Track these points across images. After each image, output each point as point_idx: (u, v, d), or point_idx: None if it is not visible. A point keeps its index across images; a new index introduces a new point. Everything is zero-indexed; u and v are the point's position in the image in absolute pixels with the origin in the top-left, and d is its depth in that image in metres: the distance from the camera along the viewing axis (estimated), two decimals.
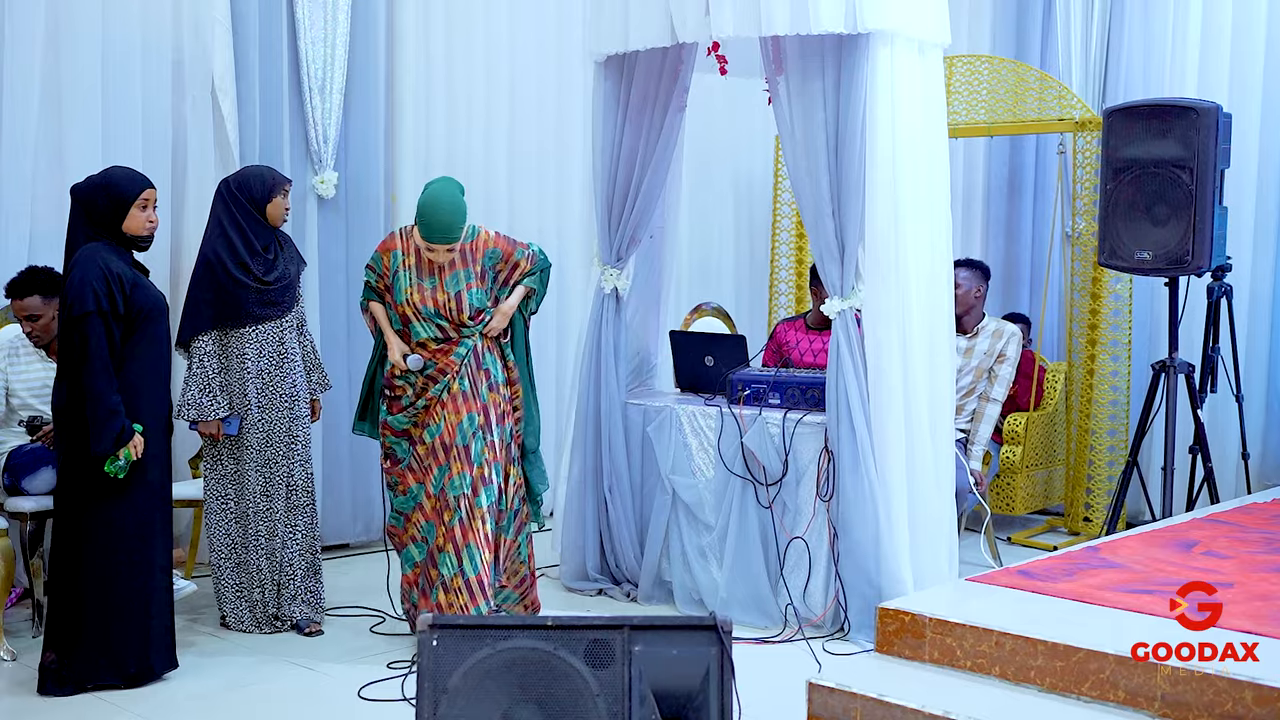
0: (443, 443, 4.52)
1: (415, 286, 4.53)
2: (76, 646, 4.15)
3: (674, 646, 3.26)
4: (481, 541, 4.47)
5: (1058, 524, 6.94)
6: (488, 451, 4.53)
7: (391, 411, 4.62)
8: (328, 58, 5.94)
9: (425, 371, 4.54)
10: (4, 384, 4.84)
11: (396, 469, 4.65)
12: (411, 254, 4.56)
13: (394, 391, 4.62)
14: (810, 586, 4.98)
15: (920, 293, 4.86)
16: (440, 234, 4.42)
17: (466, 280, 4.54)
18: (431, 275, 4.53)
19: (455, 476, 4.48)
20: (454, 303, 4.52)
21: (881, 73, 4.72)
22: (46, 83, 5.22)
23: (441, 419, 4.53)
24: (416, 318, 4.53)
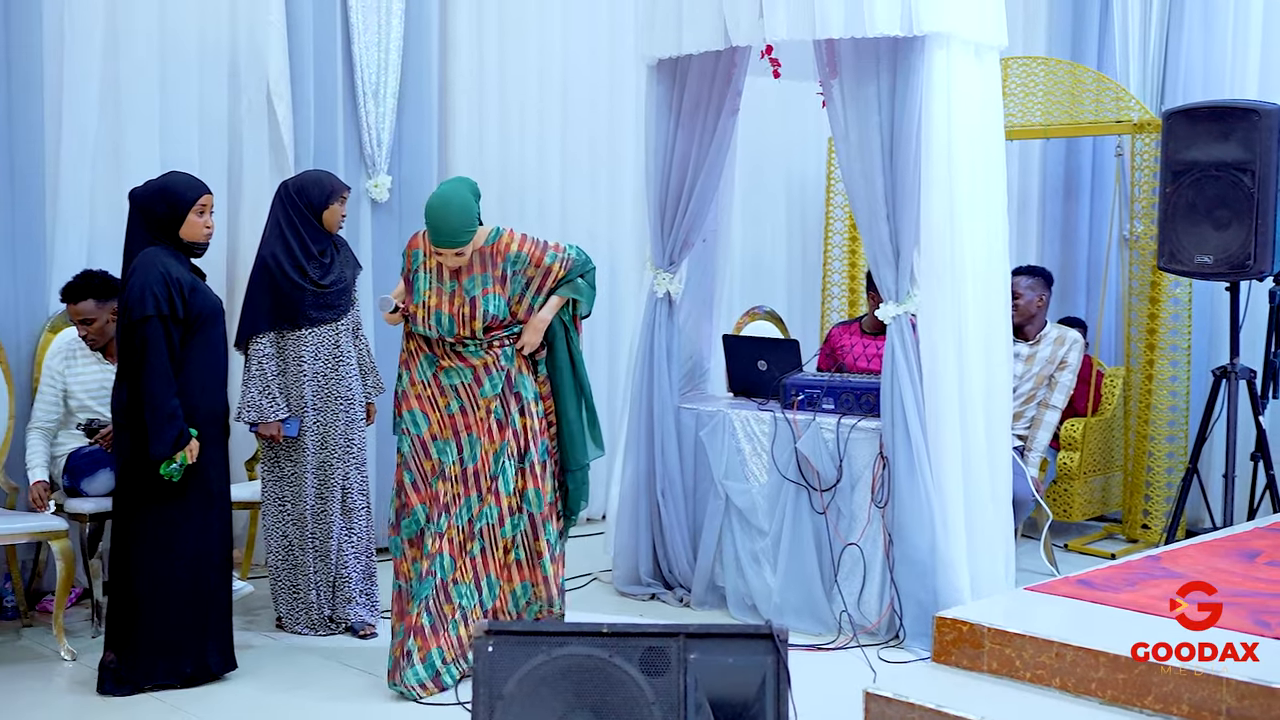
0: (475, 472, 4.31)
1: (433, 290, 4.32)
2: (135, 647, 4.19)
3: (730, 655, 3.24)
4: (499, 570, 4.36)
5: (1115, 531, 6.85)
6: (517, 479, 4.35)
7: (408, 405, 4.38)
8: (381, 62, 5.97)
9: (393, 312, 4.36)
10: (62, 386, 4.90)
11: (401, 478, 4.38)
12: (432, 255, 4.35)
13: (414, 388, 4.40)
14: (865, 593, 4.94)
15: (976, 297, 4.81)
16: (447, 238, 4.19)
17: (484, 285, 4.30)
18: (452, 279, 4.32)
19: (485, 509, 4.31)
20: (468, 308, 4.28)
21: (937, 75, 4.68)
22: (105, 86, 5.27)
23: (475, 446, 4.31)
24: (424, 322, 4.31)
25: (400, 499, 4.36)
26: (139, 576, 4.19)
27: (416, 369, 4.36)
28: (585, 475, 4.55)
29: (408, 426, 4.35)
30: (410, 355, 4.39)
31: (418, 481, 4.34)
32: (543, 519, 4.38)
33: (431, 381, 4.33)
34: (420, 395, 4.35)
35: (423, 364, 4.35)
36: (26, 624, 4.97)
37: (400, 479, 4.36)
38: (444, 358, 4.32)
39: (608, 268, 6.95)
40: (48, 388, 4.88)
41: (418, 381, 4.35)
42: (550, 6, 6.65)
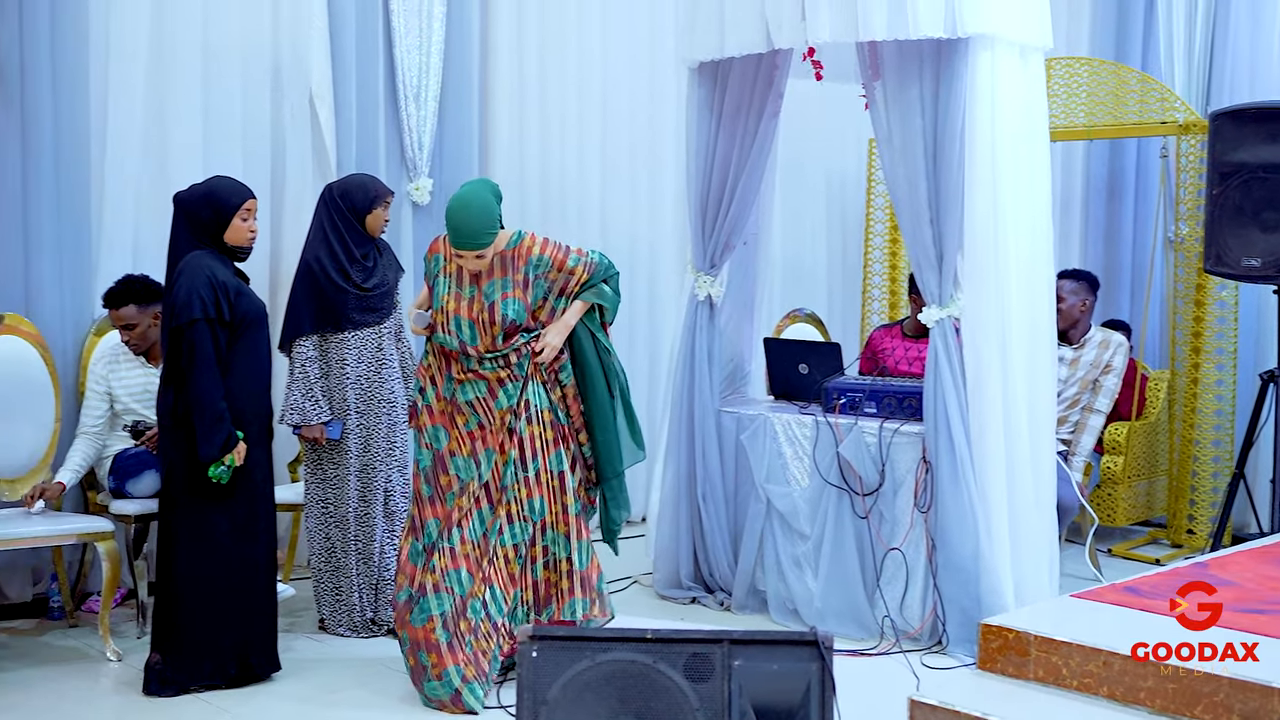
0: (487, 485, 4.24)
1: (453, 294, 4.24)
2: (180, 648, 4.21)
3: (774, 661, 3.23)
4: (505, 582, 4.24)
5: (1159, 536, 6.79)
6: (520, 488, 4.23)
7: (429, 420, 4.32)
8: (423, 65, 5.99)
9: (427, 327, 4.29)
10: (107, 390, 4.93)
11: (418, 490, 4.33)
12: (452, 260, 4.28)
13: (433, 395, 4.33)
14: (907, 598, 4.91)
15: (1021, 301, 4.77)
16: (467, 240, 4.11)
17: (504, 289, 4.21)
18: (472, 284, 4.24)
19: (496, 521, 4.23)
20: (486, 314, 4.19)
21: (982, 78, 4.64)
22: (150, 92, 5.32)
23: (489, 460, 4.24)
24: (444, 328, 4.23)
25: (414, 509, 4.34)
26: (184, 578, 4.21)
27: (440, 386, 4.30)
28: (622, 484, 4.44)
29: (430, 441, 4.31)
30: (434, 372, 4.33)
31: (434, 496, 4.29)
32: (542, 526, 4.27)
33: (450, 399, 4.27)
34: (442, 411, 4.29)
35: (444, 383, 4.30)
36: (72, 624, 5.02)
37: (417, 489, 4.34)
38: (460, 374, 4.26)
39: (648, 270, 6.96)
40: (93, 392, 4.92)
41: (441, 398, 4.29)
42: (590, 10, 6.67)
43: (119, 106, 5.22)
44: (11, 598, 5.11)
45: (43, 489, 4.73)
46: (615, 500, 4.44)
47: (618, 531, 4.53)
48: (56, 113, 5.02)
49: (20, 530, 4.56)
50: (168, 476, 4.27)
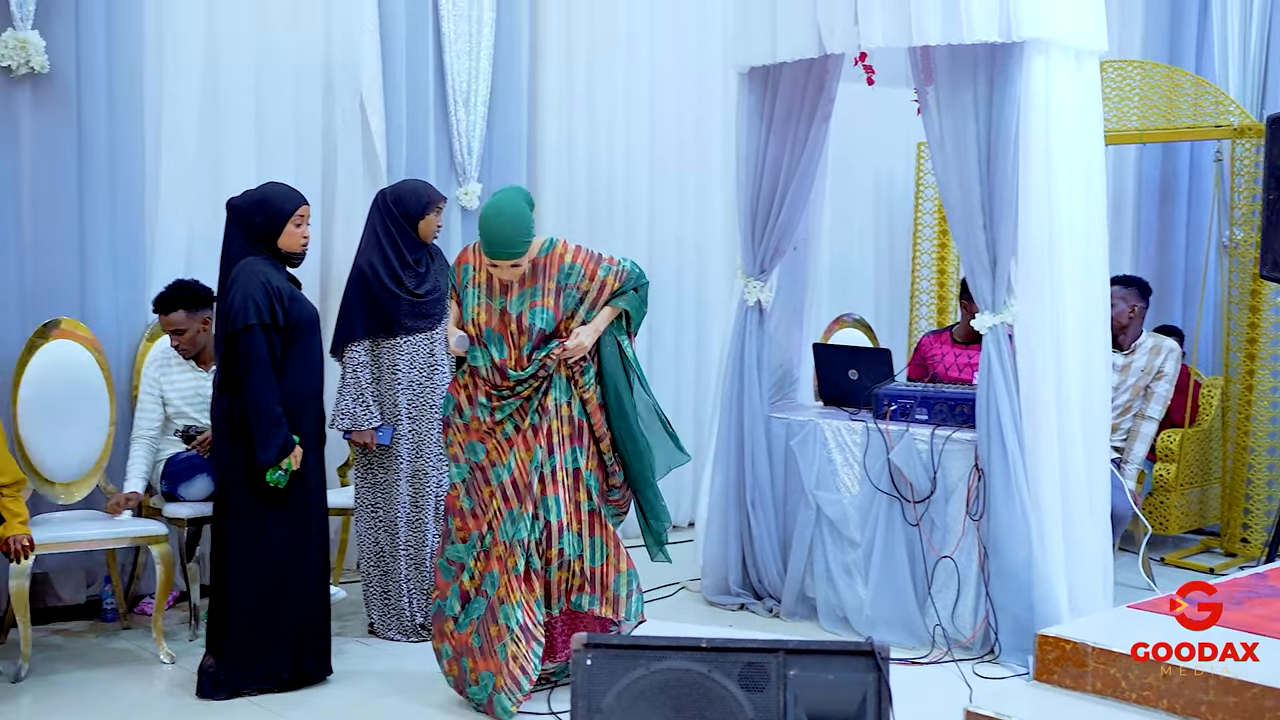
0: (513, 483, 4.14)
1: (483, 306, 4.16)
2: (233, 652, 4.24)
3: (830, 671, 3.20)
4: (527, 582, 4.12)
5: (1213, 544, 6.71)
6: (541, 485, 4.13)
7: (459, 432, 4.27)
8: (472, 70, 6.01)
9: (468, 352, 4.19)
10: (160, 394, 4.97)
11: (458, 504, 4.27)
12: (482, 269, 4.18)
13: (463, 408, 4.26)
14: (959, 607, 4.87)
15: (1075, 308, 4.72)
16: (501, 249, 4.01)
17: (533, 298, 4.12)
18: (500, 294, 4.15)
19: (522, 519, 4.11)
20: (515, 325, 4.11)
21: (1036, 82, 4.60)
22: (204, 97, 5.35)
23: (511, 456, 4.15)
24: (477, 340, 4.16)
25: (456, 523, 4.26)
26: (238, 583, 4.24)
27: (474, 409, 4.22)
28: (655, 494, 4.33)
29: (468, 455, 4.24)
30: (471, 391, 4.23)
31: (476, 508, 4.23)
32: (559, 528, 4.13)
33: (488, 418, 4.18)
34: (478, 429, 4.21)
35: (480, 403, 4.20)
36: (125, 626, 5.05)
37: (457, 505, 4.26)
38: (495, 399, 4.17)
39: (695, 275, 6.95)
40: (146, 396, 4.96)
41: (476, 418, 4.21)
42: (638, 14, 6.66)
43: (173, 112, 5.27)
44: (65, 600, 5.15)
45: (127, 499, 4.80)
46: (652, 511, 4.35)
47: (663, 542, 4.42)
48: (112, 118, 5.06)
49: (76, 534, 4.62)
50: (222, 481, 4.30)
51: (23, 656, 4.41)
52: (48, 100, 4.90)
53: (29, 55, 4.76)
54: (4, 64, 4.74)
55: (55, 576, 5.10)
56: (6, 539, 4.27)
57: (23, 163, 4.88)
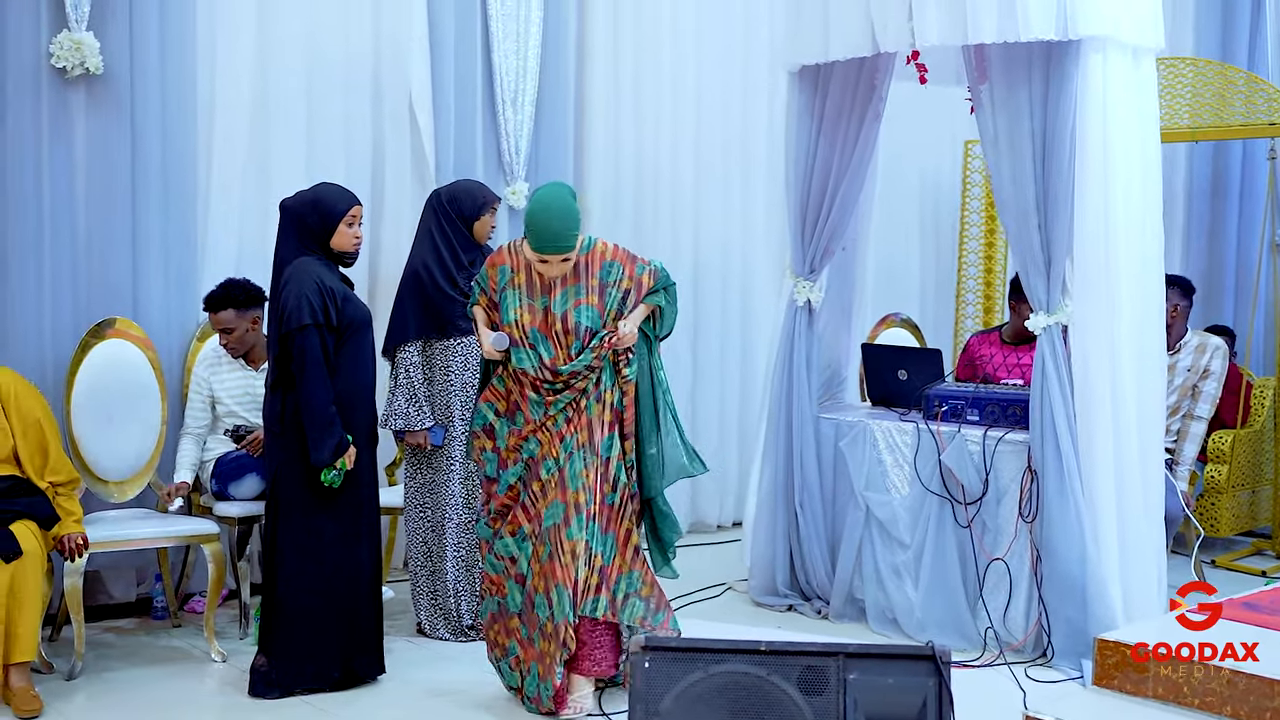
0: (561, 474, 4.09)
1: (525, 307, 4.07)
2: (286, 652, 4.24)
3: (890, 675, 3.18)
4: (569, 580, 4.04)
5: (1263, 547, 6.63)
6: (585, 474, 4.06)
7: (506, 438, 4.17)
8: (520, 70, 6.01)
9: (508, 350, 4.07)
10: (209, 393, 4.99)
11: (504, 499, 4.18)
12: (521, 270, 4.08)
13: (504, 403, 4.18)
14: (1010, 609, 4.83)
15: (1130, 308, 4.67)
16: (552, 242, 3.94)
17: (577, 296, 4.05)
18: (543, 294, 4.07)
19: (550, 505, 4.07)
20: (560, 324, 4.03)
21: (1093, 80, 4.55)
22: (255, 97, 5.37)
23: (562, 449, 4.09)
24: (522, 342, 4.05)
25: (507, 520, 4.20)
26: (290, 583, 4.25)
27: (525, 409, 4.12)
28: (667, 504, 4.27)
29: (524, 454, 4.15)
30: (515, 399, 4.14)
31: (527, 503, 4.18)
32: (590, 516, 4.08)
33: (540, 415, 4.10)
34: (530, 428, 4.12)
35: (531, 401, 4.10)
36: (176, 624, 5.08)
37: (505, 502, 4.20)
38: (548, 393, 4.09)
39: (740, 274, 6.92)
40: (196, 394, 4.99)
41: (529, 419, 4.12)
42: (684, 14, 6.64)
43: (224, 115, 5.29)
44: (116, 598, 5.18)
45: (177, 488, 4.82)
46: (662, 520, 4.27)
47: (670, 557, 4.33)
48: (165, 120, 5.08)
49: (129, 532, 4.64)
50: (275, 481, 4.30)
51: (76, 655, 4.43)
52: (102, 101, 4.93)
53: (84, 56, 4.79)
54: (59, 65, 4.77)
55: (106, 574, 5.13)
56: (61, 537, 4.29)
57: (77, 163, 4.91)
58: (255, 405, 4.94)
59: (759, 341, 6.52)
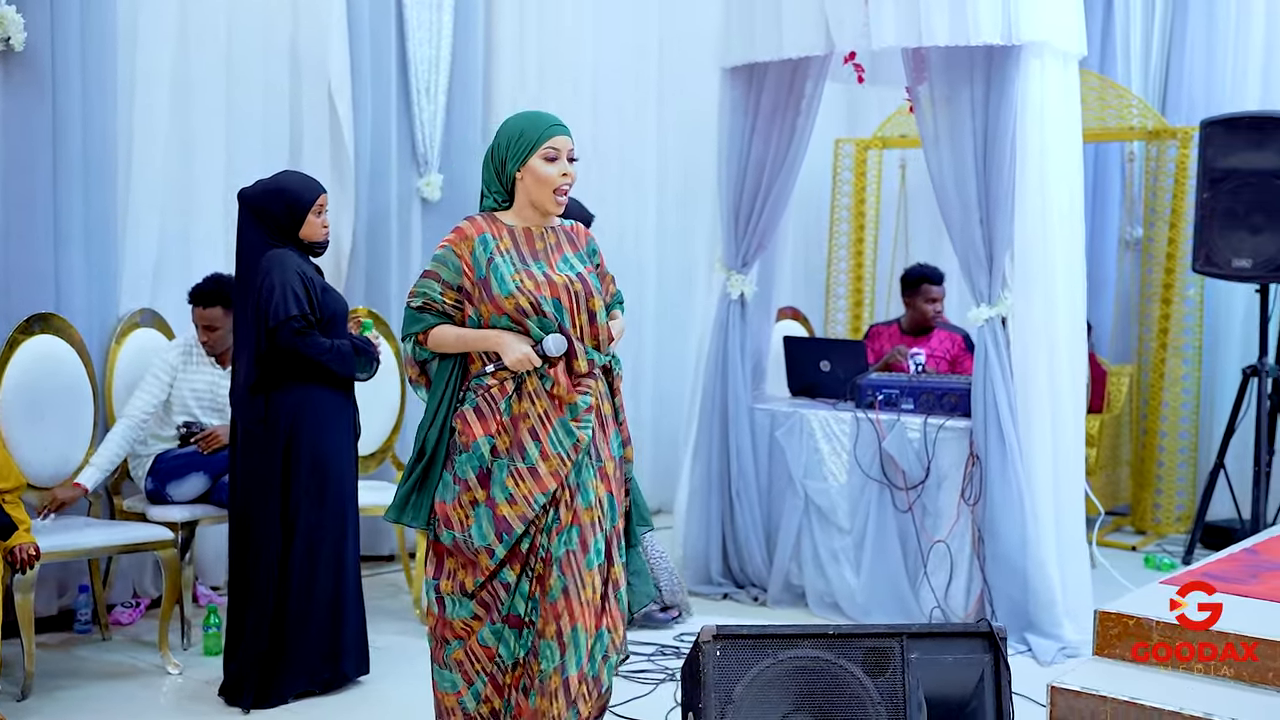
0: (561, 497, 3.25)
1: (523, 273, 3.21)
2: (271, 656, 4.07)
3: (949, 653, 3.30)
4: (588, 621, 3.22)
5: (1123, 524, 7.08)
6: (594, 485, 3.26)
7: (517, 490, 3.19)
8: (434, 59, 5.90)
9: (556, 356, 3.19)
10: (170, 381, 4.70)
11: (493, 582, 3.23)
12: (506, 237, 3.25)
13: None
14: (951, 589, 5.04)
15: (1064, 300, 4.94)
16: (558, 122, 3.27)
17: (582, 264, 3.32)
18: (536, 259, 3.26)
19: (564, 530, 3.22)
20: (579, 284, 3.23)
21: (1033, 84, 4.79)
22: (176, 84, 5.13)
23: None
24: (536, 310, 3.18)
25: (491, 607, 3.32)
26: (273, 586, 4.07)
27: (545, 441, 3.21)
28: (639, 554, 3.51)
29: (537, 509, 3.22)
30: (527, 426, 3.21)
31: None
32: (609, 537, 3.35)
33: (570, 450, 3.23)
34: (559, 468, 3.21)
35: (557, 428, 3.22)
36: (105, 637, 4.79)
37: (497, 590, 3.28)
38: (577, 414, 3.24)
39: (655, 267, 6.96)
40: (155, 380, 4.67)
41: (558, 456, 3.21)
42: (585, 6, 6.63)
43: (146, 98, 5.04)
44: (38, 611, 4.83)
45: (60, 502, 4.49)
46: (639, 572, 3.48)
47: (632, 617, 3.46)
48: (86, 105, 4.78)
49: (79, 540, 4.35)
50: (252, 484, 4.10)
51: (28, 673, 4.13)
52: (21, 81, 4.61)
53: (8, 31, 4.48)
54: None
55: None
56: (11, 548, 4.01)
57: None
58: (213, 407, 4.72)
59: (671, 337, 6.59)
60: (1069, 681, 3.61)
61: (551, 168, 3.23)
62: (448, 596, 3.24)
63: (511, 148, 3.24)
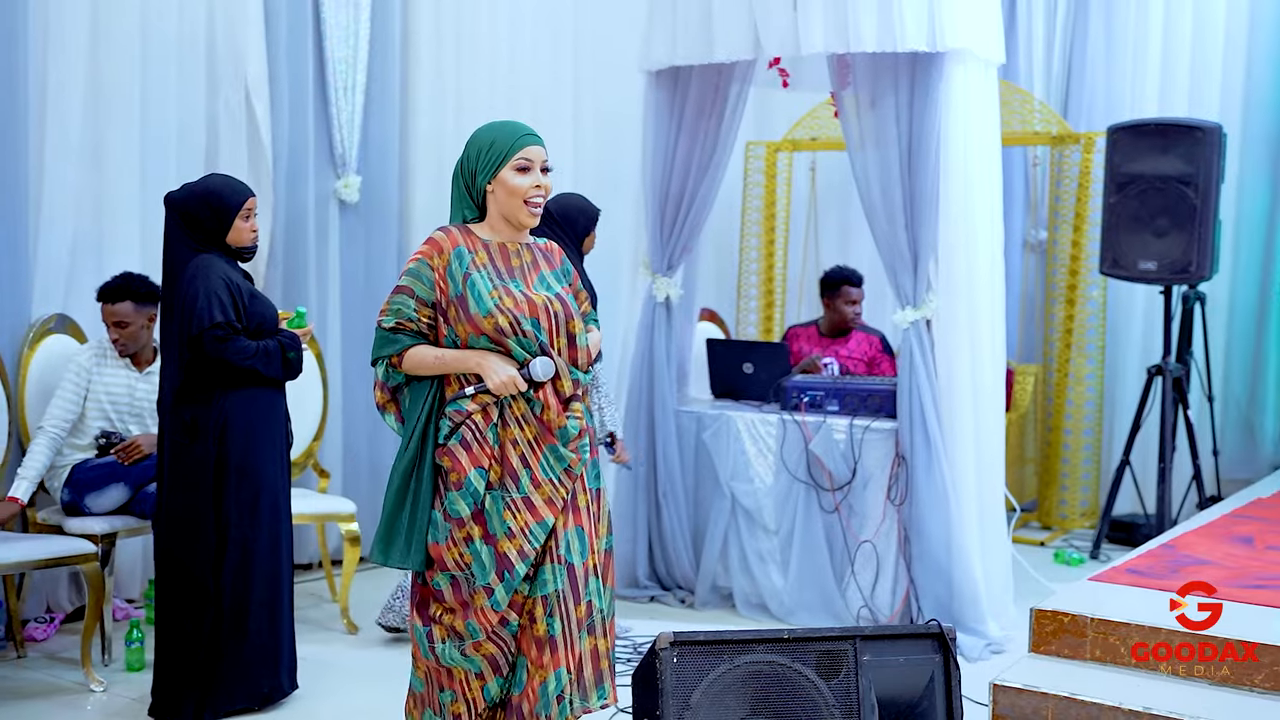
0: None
1: (501, 289, 3.06)
2: (214, 672, 3.97)
3: (900, 654, 3.34)
4: (573, 661, 3.11)
5: (1029, 519, 7.24)
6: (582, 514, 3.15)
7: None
8: (351, 59, 5.80)
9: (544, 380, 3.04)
10: (86, 387, 4.56)
11: (497, 623, 3.09)
12: (482, 251, 3.09)
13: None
14: (878, 589, 5.11)
15: (986, 301, 5.04)
16: (530, 131, 3.14)
17: (559, 284, 3.19)
18: (513, 276, 3.11)
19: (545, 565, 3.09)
20: (558, 304, 3.11)
21: (956, 90, 4.88)
22: (89, 86, 4.97)
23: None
24: (515, 330, 3.03)
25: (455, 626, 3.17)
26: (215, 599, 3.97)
27: (538, 468, 3.07)
28: None
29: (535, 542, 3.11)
30: (518, 454, 3.07)
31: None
32: (585, 571, 3.19)
33: (564, 480, 3.10)
34: (555, 496, 3.10)
35: (547, 457, 3.08)
36: (20, 655, 4.62)
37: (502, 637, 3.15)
38: (571, 441, 3.10)
39: None
40: (71, 387, 4.53)
41: (552, 483, 3.08)
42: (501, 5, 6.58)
43: (58, 101, 4.86)
44: None
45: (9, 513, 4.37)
46: None
47: None
48: None
49: None
50: (181, 496, 3.99)
51: None
52: None
53: None
54: None
55: None
56: None
57: None
58: (131, 411, 4.58)
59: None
60: (1010, 679, 3.69)
61: (524, 179, 3.09)
62: (440, 644, 3.08)
63: (482, 159, 3.10)
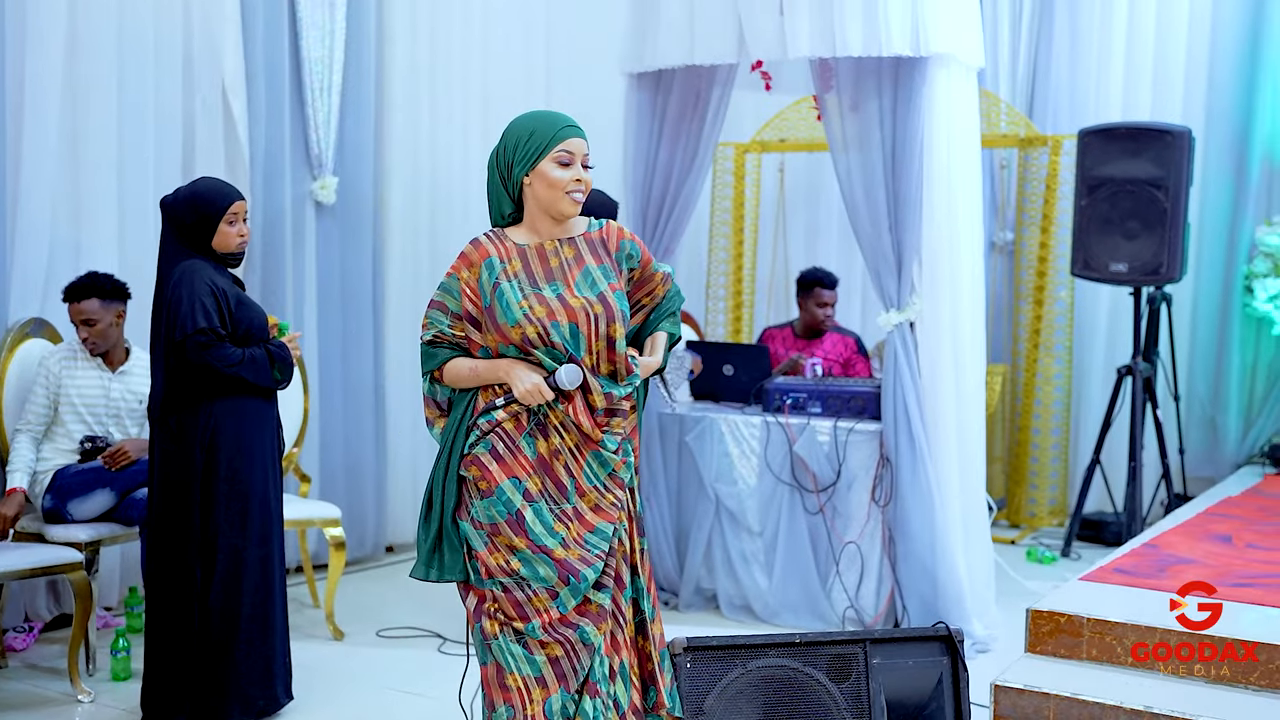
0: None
1: (532, 298, 2.93)
2: (209, 684, 3.90)
3: (909, 657, 3.38)
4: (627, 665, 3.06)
5: (998, 518, 7.31)
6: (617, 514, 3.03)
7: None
8: (327, 58, 5.74)
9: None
10: (55, 390, 4.49)
11: (557, 641, 2.95)
12: (515, 258, 2.98)
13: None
14: (862, 589, 5.14)
15: (968, 303, 5.08)
16: (572, 122, 3.02)
17: (607, 279, 2.99)
18: (551, 280, 2.97)
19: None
20: (600, 306, 2.93)
21: (939, 94, 4.91)
22: (66, 86, 4.89)
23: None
24: (544, 339, 2.90)
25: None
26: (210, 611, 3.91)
27: (574, 485, 2.97)
28: None
29: (595, 549, 3.02)
30: (549, 468, 2.96)
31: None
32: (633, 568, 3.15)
33: (612, 490, 3.02)
34: (596, 507, 3.01)
35: (590, 470, 2.97)
36: (1, 665, 4.54)
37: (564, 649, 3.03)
38: (617, 456, 3.01)
39: None
40: (39, 389, 4.48)
41: (594, 502, 2.99)
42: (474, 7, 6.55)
43: (35, 101, 4.77)
44: None
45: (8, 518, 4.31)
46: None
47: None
48: None
49: None
50: (171, 506, 3.92)
51: None
52: None
53: None
54: None
55: None
56: None
57: None
58: (108, 411, 4.53)
59: None
60: (1010, 679, 3.72)
61: (565, 173, 2.96)
62: (495, 639, 2.93)
63: (520, 150, 2.96)
